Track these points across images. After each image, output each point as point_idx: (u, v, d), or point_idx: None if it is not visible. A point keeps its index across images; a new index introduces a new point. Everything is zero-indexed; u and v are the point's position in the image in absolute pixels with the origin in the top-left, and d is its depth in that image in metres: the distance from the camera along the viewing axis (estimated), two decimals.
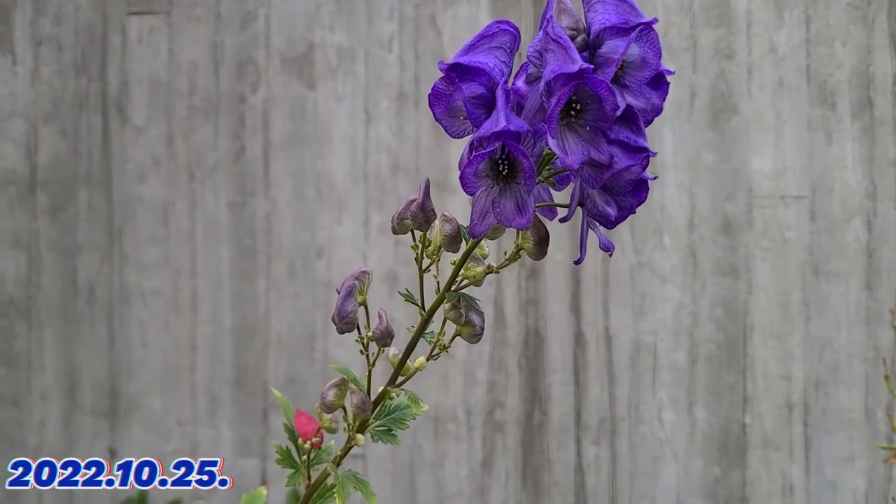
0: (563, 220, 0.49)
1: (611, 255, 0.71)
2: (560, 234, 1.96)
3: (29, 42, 2.13)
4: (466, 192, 0.48)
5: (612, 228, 0.49)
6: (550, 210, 0.54)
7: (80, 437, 2.09)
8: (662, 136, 1.90)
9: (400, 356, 0.60)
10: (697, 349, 1.92)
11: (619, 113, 0.45)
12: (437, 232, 0.55)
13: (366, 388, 0.60)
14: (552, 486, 1.96)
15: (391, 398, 0.60)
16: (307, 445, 0.63)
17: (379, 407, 0.60)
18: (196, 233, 2.06)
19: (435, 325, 0.59)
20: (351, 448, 0.60)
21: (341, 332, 0.57)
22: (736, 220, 1.91)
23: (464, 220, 0.58)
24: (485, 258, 0.57)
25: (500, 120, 0.45)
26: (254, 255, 2.05)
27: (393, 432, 0.61)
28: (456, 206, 1.96)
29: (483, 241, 0.57)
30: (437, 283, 0.57)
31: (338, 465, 0.61)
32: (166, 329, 2.06)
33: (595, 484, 1.94)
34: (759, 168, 1.90)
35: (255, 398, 2.05)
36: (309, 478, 0.63)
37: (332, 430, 0.61)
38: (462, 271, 0.56)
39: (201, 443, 2.05)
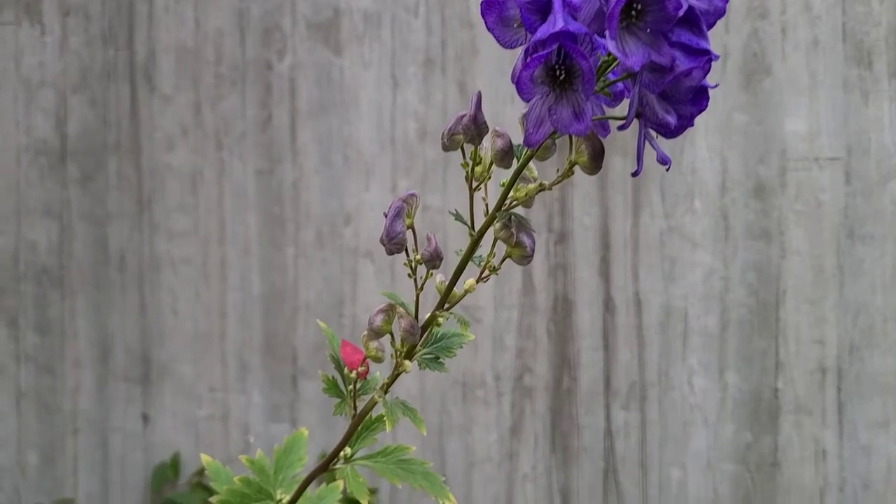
0: (620, 129, 0.48)
1: (668, 170, 0.70)
2: (588, 199, 1.94)
3: (57, 12, 2.14)
4: (522, 99, 0.48)
5: (671, 139, 0.48)
6: (603, 127, 0.53)
7: (113, 403, 2.11)
8: None
9: (447, 283, 0.59)
10: (729, 314, 1.90)
11: (681, 14, 0.44)
12: (488, 148, 0.54)
13: (414, 313, 0.59)
14: (581, 452, 1.96)
15: (439, 324, 0.59)
16: (353, 375, 0.63)
17: (426, 334, 0.60)
18: (224, 201, 2.07)
19: (483, 250, 0.59)
20: (399, 375, 0.60)
21: (390, 252, 0.57)
22: (769, 183, 1.88)
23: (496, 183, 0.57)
24: (535, 180, 0.56)
25: (557, 21, 0.44)
26: (282, 223, 2.05)
27: (440, 360, 0.60)
28: None
29: (531, 163, 0.56)
30: (486, 205, 0.56)
31: (385, 392, 0.61)
32: (196, 296, 2.07)
33: (624, 449, 1.94)
34: (793, 130, 1.87)
35: (285, 364, 2.06)
36: (355, 408, 0.63)
37: (378, 360, 0.61)
38: (512, 192, 0.55)
39: (232, 409, 2.07)
